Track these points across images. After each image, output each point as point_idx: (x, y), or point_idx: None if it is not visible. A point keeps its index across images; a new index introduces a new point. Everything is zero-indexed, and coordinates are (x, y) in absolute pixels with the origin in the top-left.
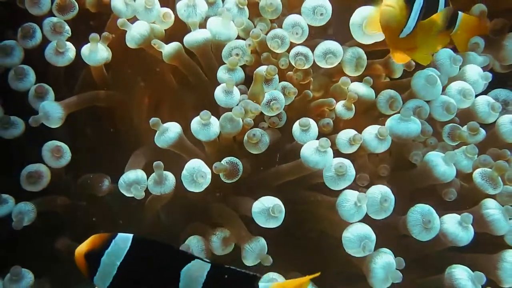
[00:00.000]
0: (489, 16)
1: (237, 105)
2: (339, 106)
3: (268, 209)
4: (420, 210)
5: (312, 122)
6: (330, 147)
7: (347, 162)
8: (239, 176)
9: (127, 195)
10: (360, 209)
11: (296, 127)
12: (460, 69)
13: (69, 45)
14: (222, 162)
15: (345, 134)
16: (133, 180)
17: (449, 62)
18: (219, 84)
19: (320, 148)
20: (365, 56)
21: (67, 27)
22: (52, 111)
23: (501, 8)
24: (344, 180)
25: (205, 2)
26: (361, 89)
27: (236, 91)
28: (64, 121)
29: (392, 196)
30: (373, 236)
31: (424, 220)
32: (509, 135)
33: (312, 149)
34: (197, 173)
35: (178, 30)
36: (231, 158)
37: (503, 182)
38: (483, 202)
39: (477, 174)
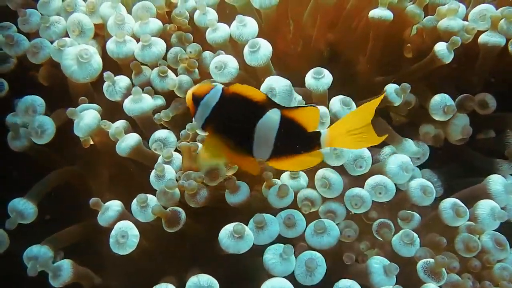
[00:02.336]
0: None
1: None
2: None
3: (200, 287)
4: (342, 286)
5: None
6: None
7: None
8: (180, 226)
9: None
10: (285, 261)
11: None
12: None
13: None
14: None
15: (274, 190)
16: (33, 255)
17: (352, 164)
18: None
19: (234, 234)
20: None
21: None
22: (25, 208)
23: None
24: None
25: (127, 77)
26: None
27: (169, 171)
28: None
29: (324, 265)
30: None
31: None
32: (451, 221)
33: (227, 231)
34: (120, 233)
35: None
36: (174, 207)
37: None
38: (424, 287)
39: (420, 268)
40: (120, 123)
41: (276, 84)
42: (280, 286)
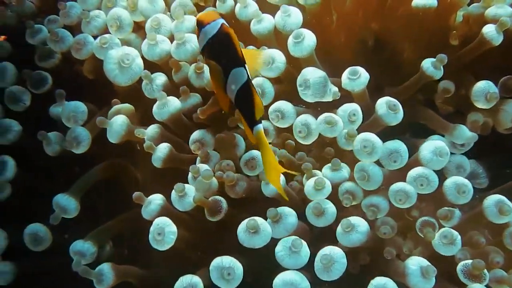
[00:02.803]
0: (503, 71)
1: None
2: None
3: (221, 268)
4: (376, 284)
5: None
6: None
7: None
8: (222, 214)
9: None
10: (294, 254)
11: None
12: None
13: None
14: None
15: (311, 181)
16: (77, 251)
17: (387, 158)
18: None
19: (249, 229)
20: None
21: None
22: (68, 204)
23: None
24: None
25: (163, 74)
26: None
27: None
28: None
29: (343, 261)
30: (304, 284)
31: None
32: (494, 218)
33: (243, 226)
34: (157, 230)
35: None
36: (215, 196)
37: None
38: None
39: (459, 271)
40: (153, 129)
41: (310, 75)
42: (290, 279)
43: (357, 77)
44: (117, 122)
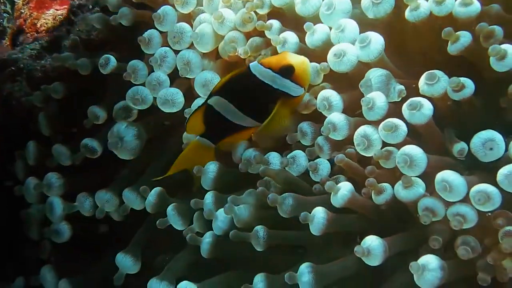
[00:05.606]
0: None
1: None
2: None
3: None
4: None
5: None
6: None
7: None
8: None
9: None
10: None
11: None
12: None
13: None
14: None
15: None
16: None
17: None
18: None
19: None
20: None
21: None
22: (124, 263)
23: None
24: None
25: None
26: None
27: None
28: None
29: None
30: None
31: None
32: None
33: None
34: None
35: None
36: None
37: None
38: None
39: None
40: None
41: (371, 75)
42: None
43: (435, 82)
44: None
